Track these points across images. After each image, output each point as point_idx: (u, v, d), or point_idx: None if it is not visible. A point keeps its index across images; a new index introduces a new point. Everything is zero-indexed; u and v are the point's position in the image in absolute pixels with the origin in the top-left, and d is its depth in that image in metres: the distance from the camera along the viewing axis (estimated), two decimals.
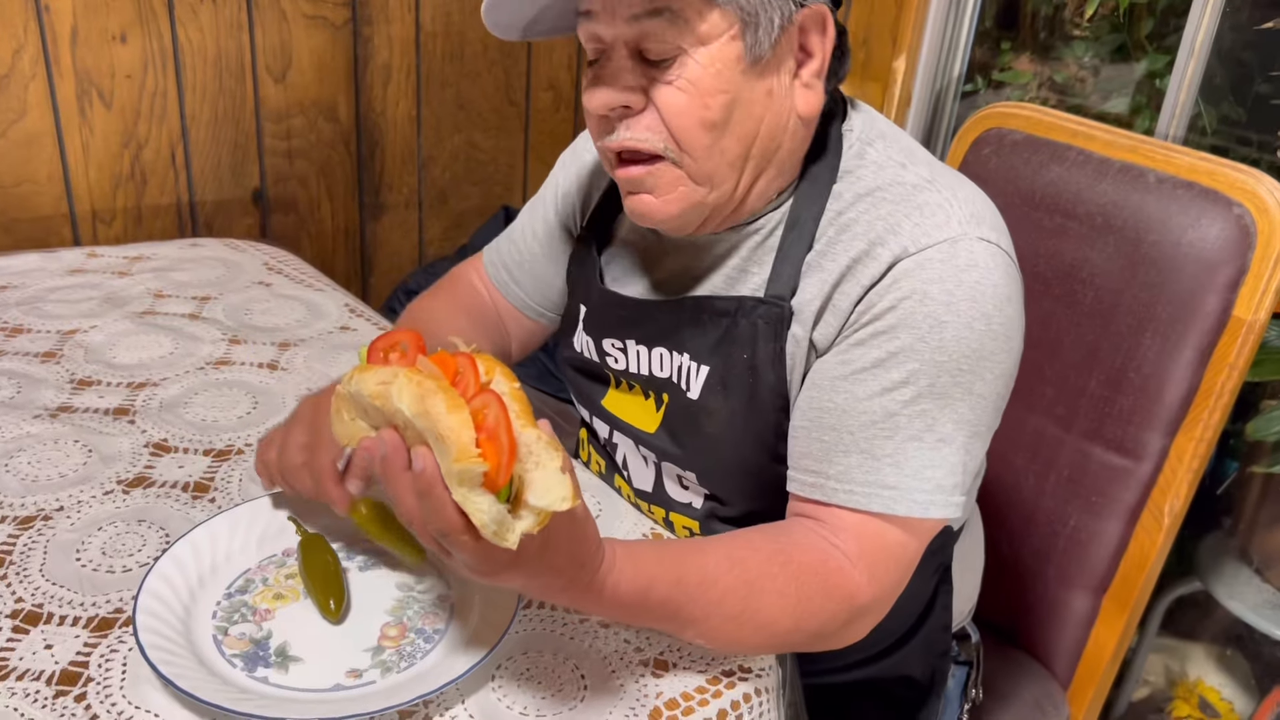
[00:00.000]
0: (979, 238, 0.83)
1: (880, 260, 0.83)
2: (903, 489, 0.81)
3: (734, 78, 0.82)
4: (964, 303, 0.81)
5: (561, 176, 1.13)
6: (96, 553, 0.88)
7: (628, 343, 0.99)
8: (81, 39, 1.59)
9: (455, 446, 0.61)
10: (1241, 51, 1.66)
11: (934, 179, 0.87)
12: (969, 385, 0.82)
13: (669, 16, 0.79)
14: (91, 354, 1.19)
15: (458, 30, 1.97)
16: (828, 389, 0.85)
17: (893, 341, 0.82)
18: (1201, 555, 1.70)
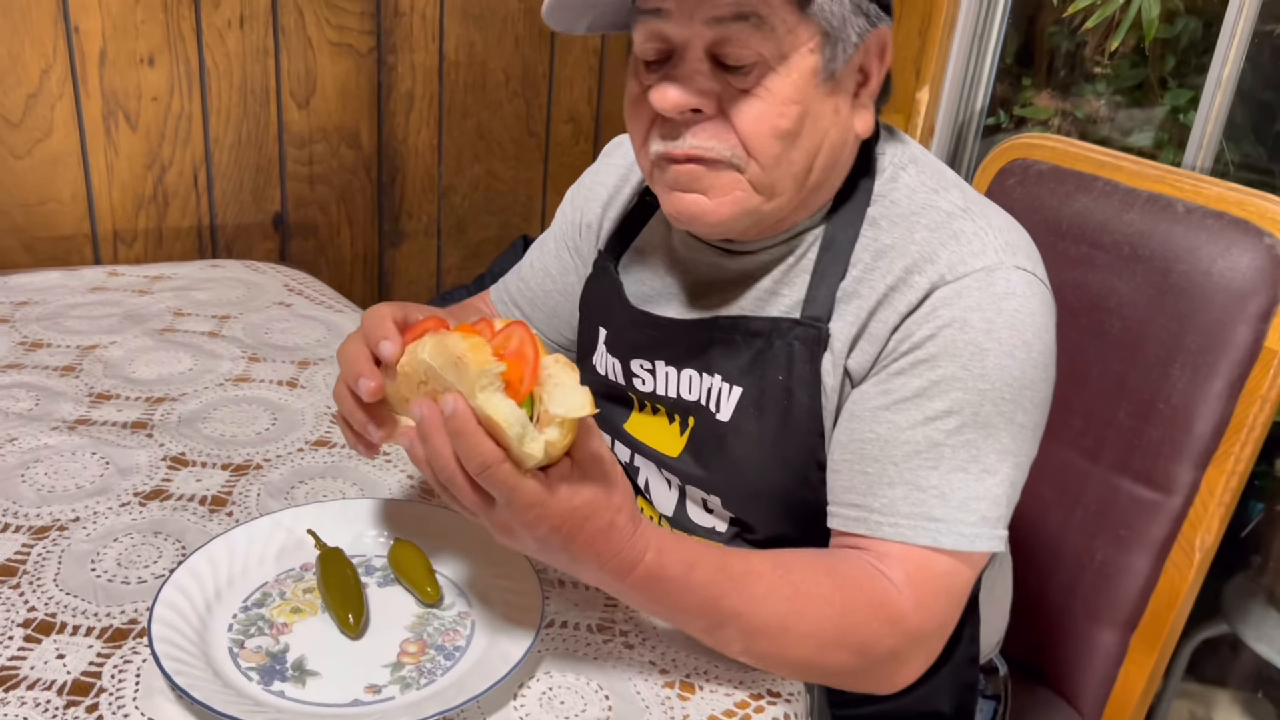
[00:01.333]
0: (1016, 266, 0.82)
1: (917, 288, 0.82)
2: (949, 521, 0.80)
3: (809, 91, 0.81)
4: (1004, 330, 0.80)
5: (570, 210, 1.13)
6: (112, 564, 0.87)
7: (657, 364, 0.97)
8: (110, 60, 1.60)
9: (472, 360, 0.64)
10: (1262, 91, 1.66)
11: (968, 206, 0.86)
12: (1011, 415, 0.81)
13: (755, 22, 0.78)
14: (111, 369, 1.19)
15: (480, 60, 1.98)
16: (869, 420, 0.83)
17: (934, 370, 0.81)
18: (1228, 597, 1.67)
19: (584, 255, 1.11)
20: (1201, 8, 1.68)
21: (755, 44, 0.78)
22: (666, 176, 0.85)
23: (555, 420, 0.65)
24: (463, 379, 0.66)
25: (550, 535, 0.68)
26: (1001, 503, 0.81)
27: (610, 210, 1.08)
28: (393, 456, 1.07)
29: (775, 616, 0.76)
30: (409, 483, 1.03)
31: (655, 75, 0.83)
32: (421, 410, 0.67)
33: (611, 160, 1.11)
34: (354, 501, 0.94)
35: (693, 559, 0.74)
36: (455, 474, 0.67)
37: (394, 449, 1.08)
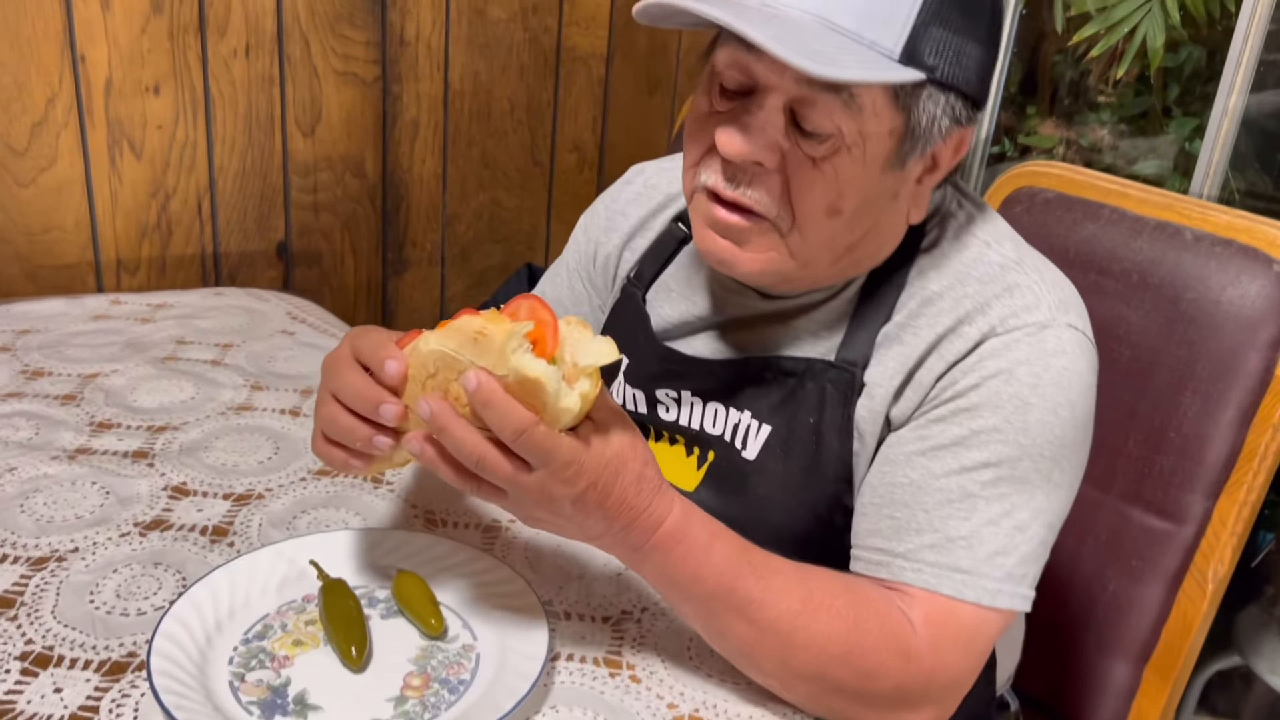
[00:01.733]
0: (1067, 324, 0.82)
1: (967, 338, 0.81)
2: (975, 574, 0.78)
3: (874, 175, 0.78)
4: (1050, 387, 0.79)
5: (584, 240, 1.11)
6: (111, 595, 0.85)
7: (683, 394, 0.95)
8: (115, 89, 1.61)
9: (496, 329, 0.65)
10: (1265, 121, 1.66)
11: (1021, 259, 0.85)
12: (1048, 473, 0.80)
13: (845, 98, 0.74)
14: (112, 397, 1.18)
15: (485, 89, 1.99)
16: (902, 464, 0.82)
17: (976, 420, 0.80)
18: (1240, 629, 1.65)
19: (598, 286, 1.09)
20: (1205, 37, 1.68)
21: (838, 118, 0.75)
22: (707, 211, 0.82)
23: (585, 372, 0.67)
24: (486, 352, 0.66)
25: (588, 492, 0.69)
26: (1030, 561, 0.80)
27: (637, 240, 1.05)
28: (395, 485, 1.06)
29: (786, 615, 0.75)
30: (412, 512, 1.01)
31: (729, 106, 0.79)
32: (431, 405, 0.67)
33: (632, 188, 1.08)
34: (357, 531, 0.93)
35: (716, 530, 0.75)
36: (485, 452, 0.67)
37: (394, 475, 1.07)
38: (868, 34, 0.73)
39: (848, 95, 0.74)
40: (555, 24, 2.03)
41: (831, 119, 0.75)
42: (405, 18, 1.85)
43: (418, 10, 1.86)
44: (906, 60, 0.74)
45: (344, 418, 0.75)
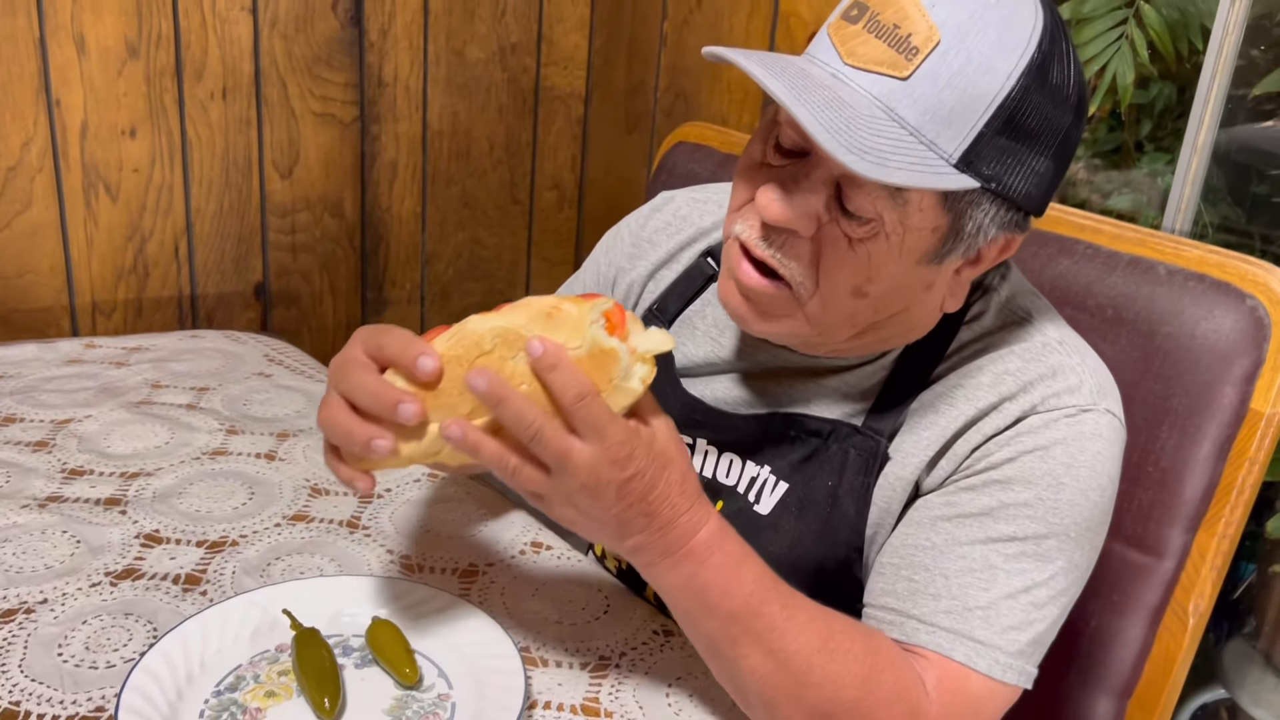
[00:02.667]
0: (1106, 409, 0.82)
1: (1007, 414, 0.81)
2: (989, 645, 0.78)
3: (909, 266, 0.76)
4: (1084, 469, 0.80)
5: (606, 263, 1.07)
6: (80, 648, 0.84)
7: (698, 441, 0.94)
8: (91, 133, 1.60)
9: (574, 305, 0.69)
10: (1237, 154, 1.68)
11: (1063, 340, 0.85)
12: (1071, 554, 0.80)
13: (893, 189, 0.72)
14: (85, 443, 1.17)
15: (464, 129, 1.99)
16: (926, 527, 0.81)
17: (1007, 493, 0.79)
18: (1225, 661, 1.65)
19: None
20: (1175, 73, 1.70)
21: (881, 205, 0.73)
22: (734, 263, 0.80)
23: (642, 358, 0.70)
24: (560, 327, 0.68)
25: (634, 480, 0.69)
26: (1041, 641, 0.80)
27: (663, 272, 1.02)
28: (371, 530, 1.05)
29: (804, 650, 0.73)
30: (388, 558, 1.00)
31: (781, 162, 0.77)
32: (487, 378, 0.67)
33: (661, 216, 1.05)
34: (332, 579, 0.92)
35: (748, 550, 0.75)
36: (543, 424, 0.67)
37: (371, 519, 1.06)
38: (928, 133, 0.70)
39: (895, 187, 0.72)
40: (533, 64, 2.04)
41: (875, 205, 0.73)
42: (383, 59, 1.86)
43: (396, 52, 1.87)
44: (963, 166, 0.71)
45: (345, 419, 0.71)
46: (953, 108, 0.70)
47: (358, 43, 1.83)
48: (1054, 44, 0.72)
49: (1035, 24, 0.71)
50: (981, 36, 0.69)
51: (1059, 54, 0.72)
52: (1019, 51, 0.70)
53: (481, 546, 1.04)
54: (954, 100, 0.69)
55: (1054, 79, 0.72)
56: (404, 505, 1.10)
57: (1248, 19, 1.39)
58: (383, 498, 1.11)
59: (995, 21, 0.70)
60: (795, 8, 1.73)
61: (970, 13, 0.70)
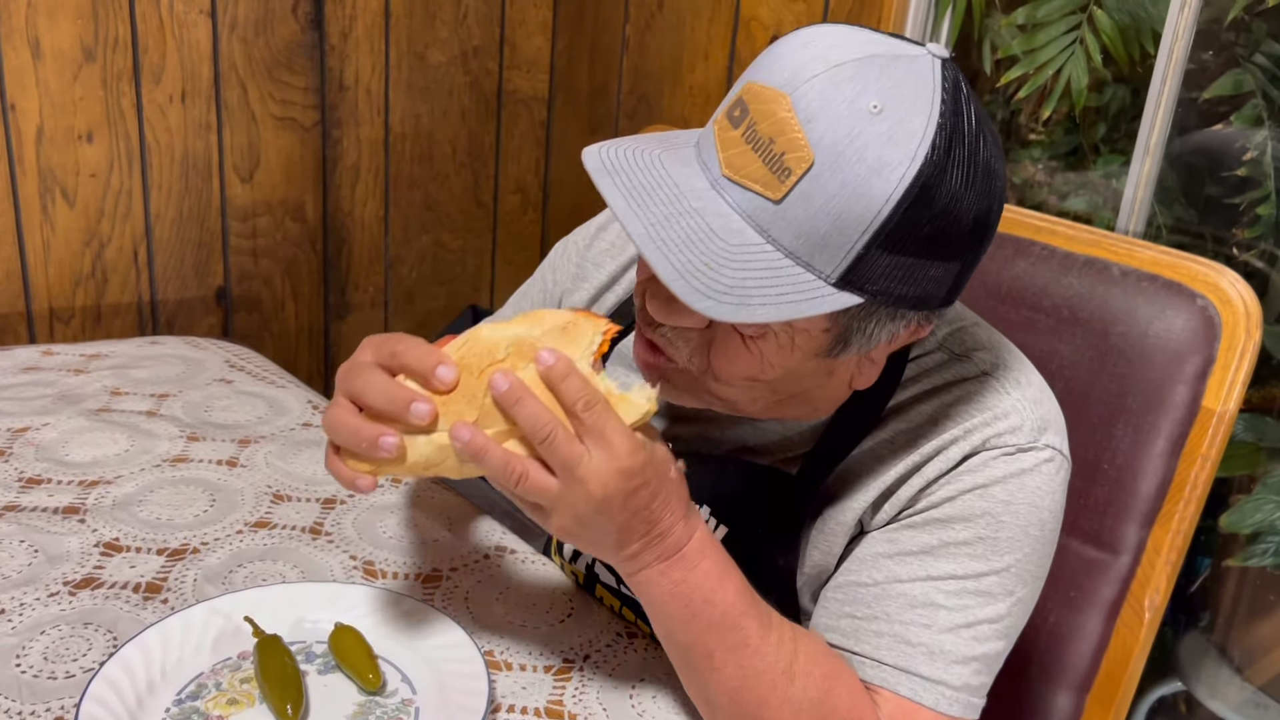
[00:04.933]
0: (1046, 444, 0.83)
1: (950, 458, 0.82)
2: (933, 680, 0.79)
3: (804, 359, 0.75)
4: (1024, 507, 0.80)
5: (552, 281, 1.07)
6: (38, 658, 0.83)
7: None
8: (47, 138, 1.58)
9: (586, 321, 0.71)
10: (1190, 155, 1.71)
11: (1005, 377, 0.84)
12: (1011, 589, 0.81)
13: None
14: (42, 452, 1.15)
15: (427, 133, 1.99)
16: (869, 564, 0.82)
17: (947, 531, 0.80)
18: (1181, 654, 1.68)
19: None
20: (1129, 76, 1.73)
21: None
22: (639, 357, 0.80)
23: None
24: (575, 341, 0.70)
25: (641, 490, 0.70)
26: (984, 673, 0.81)
27: (606, 297, 1.01)
28: (334, 536, 1.04)
29: (771, 671, 0.75)
30: (351, 564, 1.00)
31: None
32: (504, 379, 0.69)
33: (606, 237, 1.02)
34: (294, 585, 0.91)
35: (731, 563, 0.76)
36: (556, 427, 0.68)
37: (334, 525, 1.06)
38: (804, 255, 0.67)
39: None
40: (496, 67, 2.04)
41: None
42: (344, 63, 1.85)
43: (356, 55, 1.86)
44: (844, 285, 0.67)
45: (352, 418, 0.71)
46: (826, 233, 0.66)
47: (318, 46, 1.82)
48: (950, 150, 0.66)
49: (925, 134, 0.65)
50: (858, 158, 0.64)
51: (956, 160, 0.66)
52: (901, 170, 0.65)
53: (445, 551, 1.04)
54: (828, 225, 0.65)
55: (947, 189, 0.66)
56: (367, 511, 1.10)
57: (1197, 24, 1.42)
58: (345, 504, 1.10)
59: (875, 139, 0.64)
60: (756, 11, 1.75)
61: (849, 131, 0.65)
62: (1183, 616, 1.73)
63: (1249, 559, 1.54)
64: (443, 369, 0.70)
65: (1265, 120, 1.57)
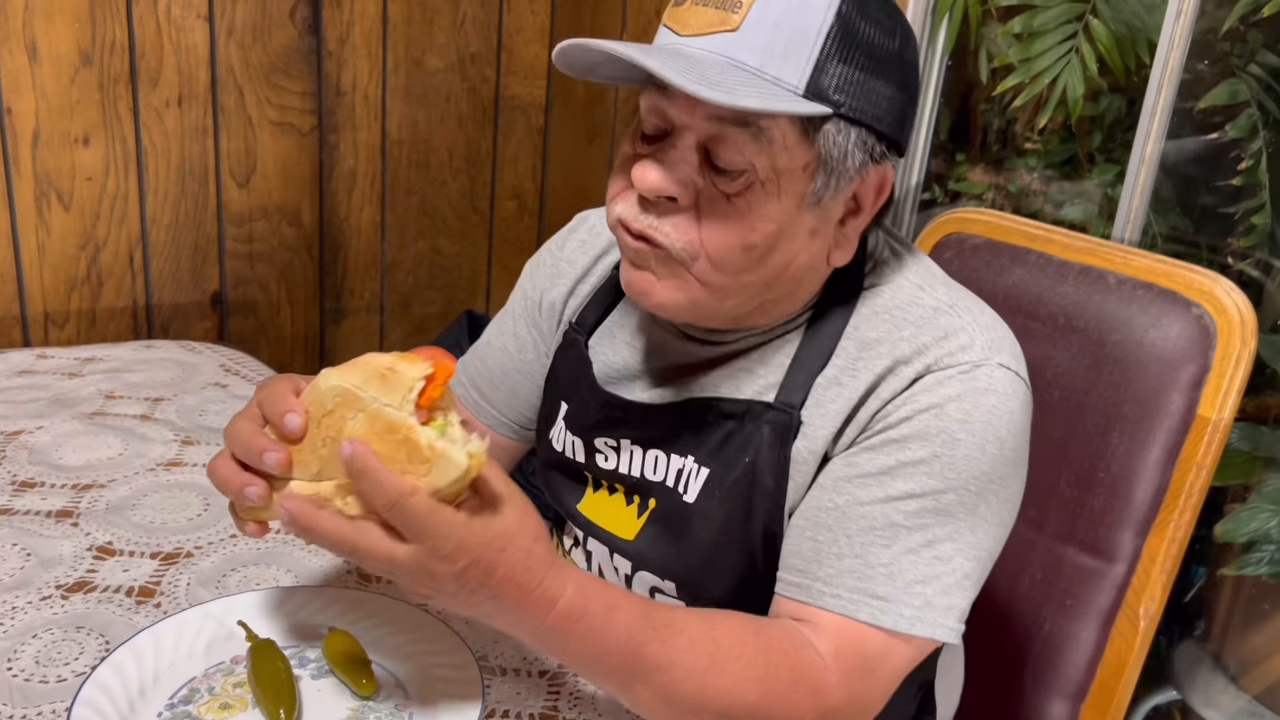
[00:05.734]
0: (999, 364, 0.83)
1: (903, 377, 0.83)
2: (892, 601, 0.79)
3: (789, 211, 0.79)
4: (979, 424, 0.81)
5: (530, 286, 1.10)
6: (30, 662, 0.83)
7: (622, 442, 0.95)
8: (43, 141, 1.58)
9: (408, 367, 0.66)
10: (1185, 165, 1.72)
11: (954, 303, 0.87)
12: (973, 507, 0.81)
13: (754, 132, 0.76)
14: (36, 455, 1.15)
15: (424, 138, 1.99)
16: (830, 489, 0.83)
17: (904, 451, 0.81)
18: (1176, 663, 1.68)
19: (543, 332, 1.09)
20: (1124, 86, 1.74)
21: (750, 153, 0.77)
22: (622, 244, 0.84)
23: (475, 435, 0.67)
24: (395, 388, 0.66)
25: (470, 569, 0.67)
26: (953, 592, 0.80)
27: (581, 287, 1.05)
28: None
29: (694, 673, 0.75)
30: (345, 568, 1.00)
31: (649, 149, 0.81)
32: (348, 446, 0.66)
33: (577, 236, 1.08)
34: (288, 590, 0.91)
35: (615, 600, 0.74)
36: (344, 543, 0.67)
37: None
38: (771, 70, 0.75)
39: (756, 129, 0.76)
40: (493, 74, 2.04)
41: (743, 154, 0.77)
42: (341, 68, 1.85)
43: (354, 61, 1.86)
44: (812, 95, 0.76)
45: (225, 468, 0.75)
46: (785, 46, 0.75)
47: (316, 51, 1.82)
48: None
49: None
50: None
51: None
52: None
53: None
54: (784, 39, 0.75)
55: (872, 6, 0.78)
56: None
57: (1192, 34, 1.42)
58: None
59: None
60: None
61: None
62: (1178, 625, 1.73)
63: (1244, 568, 1.54)
64: (289, 417, 0.71)
65: (1260, 130, 1.58)
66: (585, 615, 0.72)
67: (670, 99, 0.78)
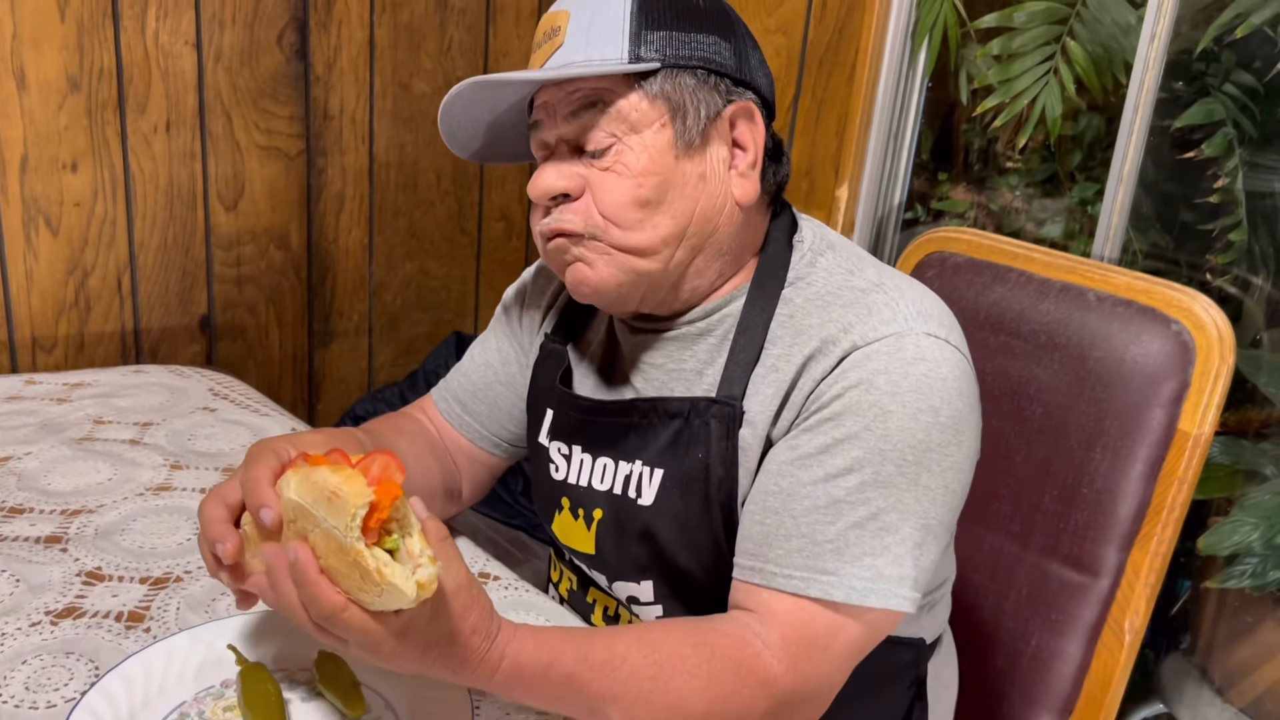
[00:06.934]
0: (926, 333, 0.85)
1: (832, 355, 0.85)
2: (841, 575, 0.81)
3: (666, 161, 0.86)
4: (910, 394, 0.82)
5: (513, 302, 1.14)
6: (19, 688, 0.83)
7: (574, 449, 0.98)
8: (31, 167, 1.59)
9: (350, 491, 0.65)
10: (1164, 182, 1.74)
11: (882, 282, 0.90)
12: (914, 476, 0.82)
13: (602, 108, 0.85)
14: (24, 481, 1.15)
15: (411, 161, 2.00)
16: (774, 474, 0.85)
17: (838, 429, 0.83)
18: (1163, 676, 1.69)
19: (524, 346, 1.11)
20: (1103, 105, 1.76)
21: (607, 126, 0.86)
22: (550, 254, 0.91)
23: (428, 555, 0.67)
24: (339, 513, 0.65)
25: (405, 664, 0.71)
26: (904, 561, 0.82)
27: (558, 301, 1.08)
28: None
29: (641, 697, 0.77)
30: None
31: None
32: (267, 558, 0.70)
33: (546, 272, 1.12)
34: (277, 613, 0.91)
35: (550, 658, 0.75)
36: (305, 622, 0.70)
37: None
38: (597, 56, 0.85)
39: (602, 105, 0.85)
40: None
41: (604, 129, 0.86)
42: (329, 92, 1.87)
43: (341, 85, 1.87)
44: (635, 59, 0.85)
45: (202, 545, 0.80)
46: (601, 34, 0.85)
47: (303, 76, 1.83)
48: None
49: None
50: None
51: None
52: None
53: None
54: (599, 30, 0.85)
55: None
56: None
57: (1167, 54, 1.45)
58: None
59: None
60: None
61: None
62: (1164, 639, 1.74)
63: (1227, 580, 1.56)
64: (264, 511, 0.74)
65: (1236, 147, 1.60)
66: (521, 678, 0.75)
67: (540, 127, 0.89)
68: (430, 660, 0.71)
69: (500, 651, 0.73)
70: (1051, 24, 1.66)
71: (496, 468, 1.16)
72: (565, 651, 0.76)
